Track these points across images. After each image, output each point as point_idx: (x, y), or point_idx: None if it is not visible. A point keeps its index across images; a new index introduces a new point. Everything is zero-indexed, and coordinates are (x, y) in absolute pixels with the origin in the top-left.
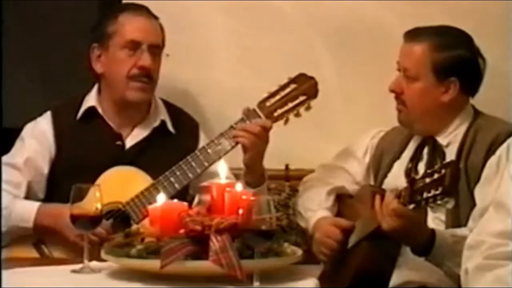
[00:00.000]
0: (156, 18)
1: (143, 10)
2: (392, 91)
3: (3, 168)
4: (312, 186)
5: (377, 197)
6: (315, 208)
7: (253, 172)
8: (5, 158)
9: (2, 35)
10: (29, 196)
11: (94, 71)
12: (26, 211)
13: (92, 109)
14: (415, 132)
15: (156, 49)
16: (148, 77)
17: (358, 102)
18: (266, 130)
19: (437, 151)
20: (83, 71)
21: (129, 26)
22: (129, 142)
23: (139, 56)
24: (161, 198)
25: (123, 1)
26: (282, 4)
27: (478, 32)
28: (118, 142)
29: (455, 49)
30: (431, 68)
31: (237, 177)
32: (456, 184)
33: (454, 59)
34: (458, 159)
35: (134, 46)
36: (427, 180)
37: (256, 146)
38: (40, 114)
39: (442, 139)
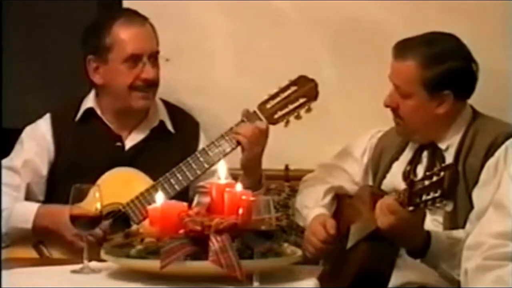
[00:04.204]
0: (146, 18)
1: (135, 16)
2: (387, 106)
3: (3, 171)
4: (310, 185)
5: (376, 200)
6: (311, 205)
7: (249, 176)
8: (4, 161)
9: (2, 35)
10: (29, 198)
11: (93, 81)
12: (26, 212)
13: (90, 111)
14: (414, 141)
15: (155, 55)
16: (151, 86)
17: (357, 102)
18: (261, 132)
19: (437, 155)
20: (83, 71)
21: (127, 39)
22: (129, 143)
23: (142, 69)
24: (160, 197)
25: (123, 6)
26: (282, 5)
27: (478, 32)
28: (118, 143)
29: (445, 62)
30: (422, 85)
31: (235, 177)
32: (455, 187)
33: (446, 73)
34: (456, 161)
35: (135, 58)
36: (426, 182)
37: (252, 147)
38: (40, 115)
39: (441, 144)
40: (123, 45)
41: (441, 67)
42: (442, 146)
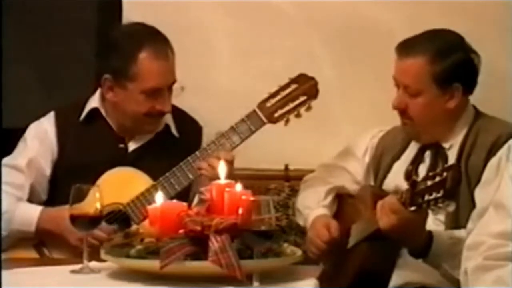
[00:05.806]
0: (168, 43)
1: (160, 43)
2: (396, 108)
3: (6, 169)
4: (311, 185)
5: (378, 201)
6: (313, 206)
7: None
8: (7, 160)
9: (2, 35)
10: (31, 197)
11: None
12: (29, 216)
13: (95, 111)
14: (422, 141)
15: (173, 85)
16: (163, 114)
17: (357, 102)
18: (227, 162)
19: (440, 154)
20: (83, 71)
21: (152, 72)
22: (132, 145)
23: (159, 101)
24: (160, 197)
25: (123, 8)
26: (282, 5)
27: (477, 32)
28: (121, 145)
29: (452, 55)
30: (432, 80)
31: (235, 177)
32: (457, 187)
33: (454, 66)
34: (458, 160)
35: (154, 91)
36: (429, 182)
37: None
38: (40, 114)
39: (445, 143)
40: (147, 78)
41: (449, 60)
42: (446, 145)
